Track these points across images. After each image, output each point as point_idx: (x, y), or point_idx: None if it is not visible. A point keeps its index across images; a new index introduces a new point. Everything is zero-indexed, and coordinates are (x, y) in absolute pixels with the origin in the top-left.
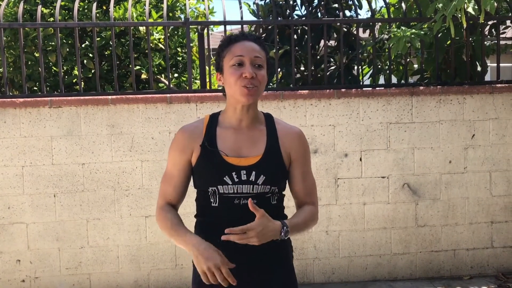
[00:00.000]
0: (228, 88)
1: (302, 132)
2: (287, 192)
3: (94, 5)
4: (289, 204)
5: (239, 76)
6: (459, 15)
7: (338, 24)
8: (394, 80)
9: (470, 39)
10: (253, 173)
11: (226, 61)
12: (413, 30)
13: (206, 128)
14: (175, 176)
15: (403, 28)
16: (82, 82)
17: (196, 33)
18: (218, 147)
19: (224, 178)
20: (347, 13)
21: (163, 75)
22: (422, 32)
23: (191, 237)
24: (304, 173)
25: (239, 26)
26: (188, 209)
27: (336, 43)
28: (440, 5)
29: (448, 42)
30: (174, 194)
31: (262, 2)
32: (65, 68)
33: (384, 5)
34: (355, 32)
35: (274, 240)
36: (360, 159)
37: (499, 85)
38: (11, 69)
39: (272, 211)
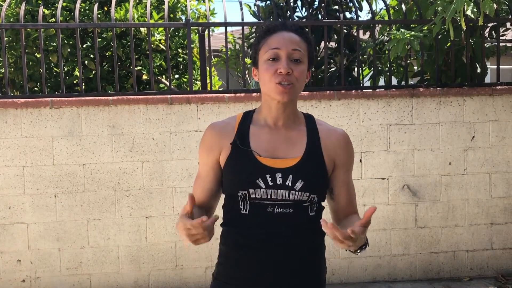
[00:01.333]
0: (262, 85)
1: (347, 134)
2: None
3: (96, 6)
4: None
5: (274, 72)
6: (459, 18)
7: (339, 25)
8: (394, 81)
9: (470, 41)
10: (290, 177)
11: (261, 55)
12: (413, 32)
13: (238, 126)
14: (202, 178)
15: (403, 30)
16: (83, 83)
17: (197, 34)
18: (250, 146)
19: (257, 181)
20: (348, 14)
21: (164, 76)
22: (421, 34)
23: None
24: (347, 182)
25: (240, 28)
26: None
27: (336, 44)
28: (440, 8)
29: (448, 44)
30: (202, 197)
31: (263, 4)
32: (66, 68)
33: (384, 7)
34: (355, 34)
35: (348, 250)
36: (360, 161)
37: (499, 87)
38: (12, 69)
39: (310, 224)
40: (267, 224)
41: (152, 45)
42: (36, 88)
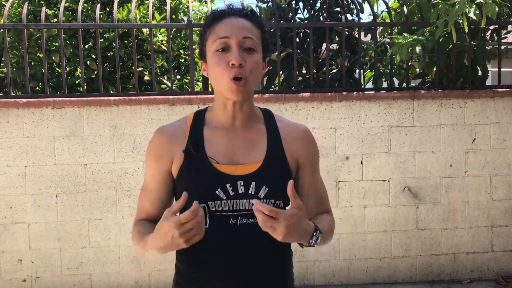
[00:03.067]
0: (213, 80)
1: (309, 129)
2: None
3: (98, 6)
4: None
5: (226, 65)
6: (461, 20)
7: (340, 27)
8: (395, 83)
9: (472, 43)
10: (253, 184)
11: (209, 46)
12: (415, 36)
13: (190, 129)
14: (152, 191)
15: (405, 34)
16: (85, 83)
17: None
18: (206, 152)
19: (217, 192)
20: (349, 16)
21: (165, 77)
22: (423, 38)
23: (148, 238)
24: (314, 180)
25: None
26: None
27: (337, 46)
28: (442, 10)
29: (449, 47)
30: (152, 211)
31: (265, 5)
32: (68, 69)
33: (386, 9)
34: (356, 36)
35: (300, 244)
36: (361, 162)
37: (500, 89)
38: (15, 69)
39: None
40: (230, 238)
41: (154, 46)
42: (38, 88)
